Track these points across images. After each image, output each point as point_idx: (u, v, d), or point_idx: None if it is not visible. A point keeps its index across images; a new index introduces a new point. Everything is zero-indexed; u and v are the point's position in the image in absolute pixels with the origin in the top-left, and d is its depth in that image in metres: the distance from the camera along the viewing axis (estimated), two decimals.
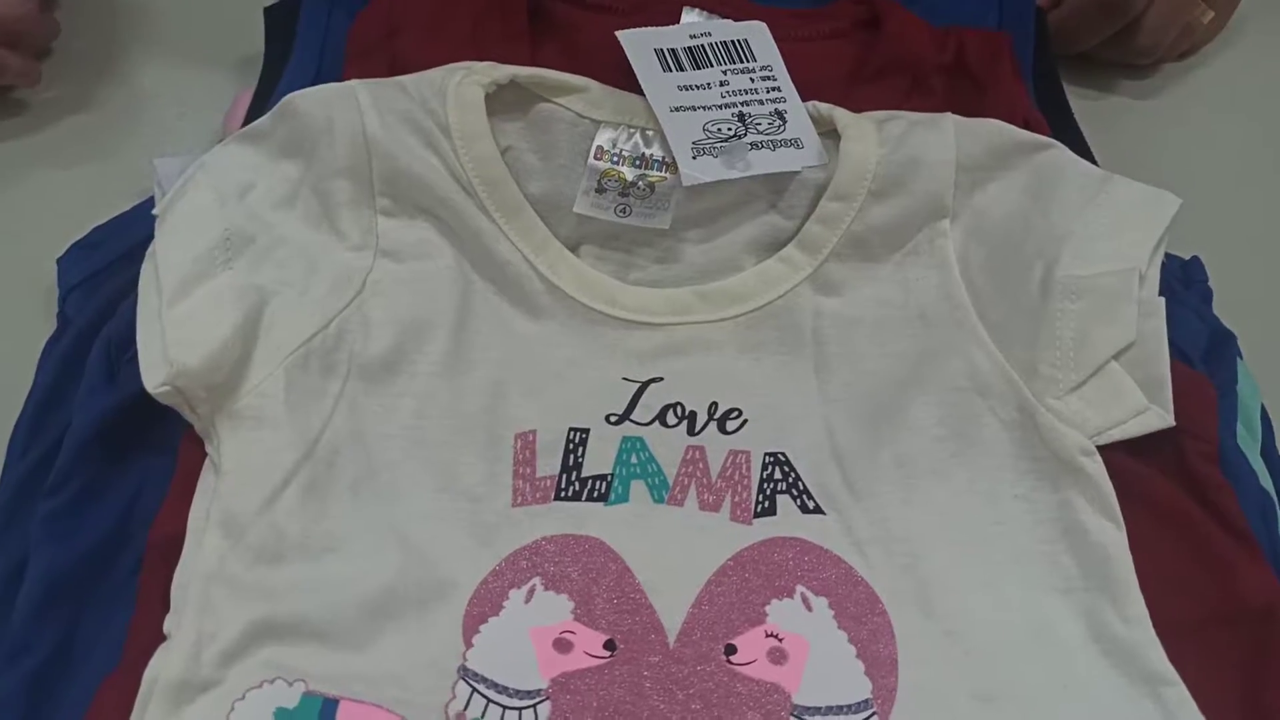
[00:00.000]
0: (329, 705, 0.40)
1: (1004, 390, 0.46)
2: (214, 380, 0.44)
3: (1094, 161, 0.54)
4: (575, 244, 0.49)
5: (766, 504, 0.45)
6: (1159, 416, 0.45)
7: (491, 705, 0.41)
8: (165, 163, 0.50)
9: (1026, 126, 0.52)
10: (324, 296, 0.46)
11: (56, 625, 0.42)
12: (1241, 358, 0.51)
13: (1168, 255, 0.51)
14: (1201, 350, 0.48)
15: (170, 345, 0.43)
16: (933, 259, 0.48)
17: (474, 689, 0.41)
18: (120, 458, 0.45)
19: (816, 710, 0.41)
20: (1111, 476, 0.44)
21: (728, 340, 0.48)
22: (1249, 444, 0.48)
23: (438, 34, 0.53)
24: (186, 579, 0.41)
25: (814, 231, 0.49)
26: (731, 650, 0.42)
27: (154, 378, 0.43)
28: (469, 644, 0.42)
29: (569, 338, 0.47)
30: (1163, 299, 0.46)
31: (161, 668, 0.40)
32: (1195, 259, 0.54)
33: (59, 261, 0.51)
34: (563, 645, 0.42)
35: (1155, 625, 0.42)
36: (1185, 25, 0.62)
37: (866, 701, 0.41)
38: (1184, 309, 0.49)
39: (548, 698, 0.41)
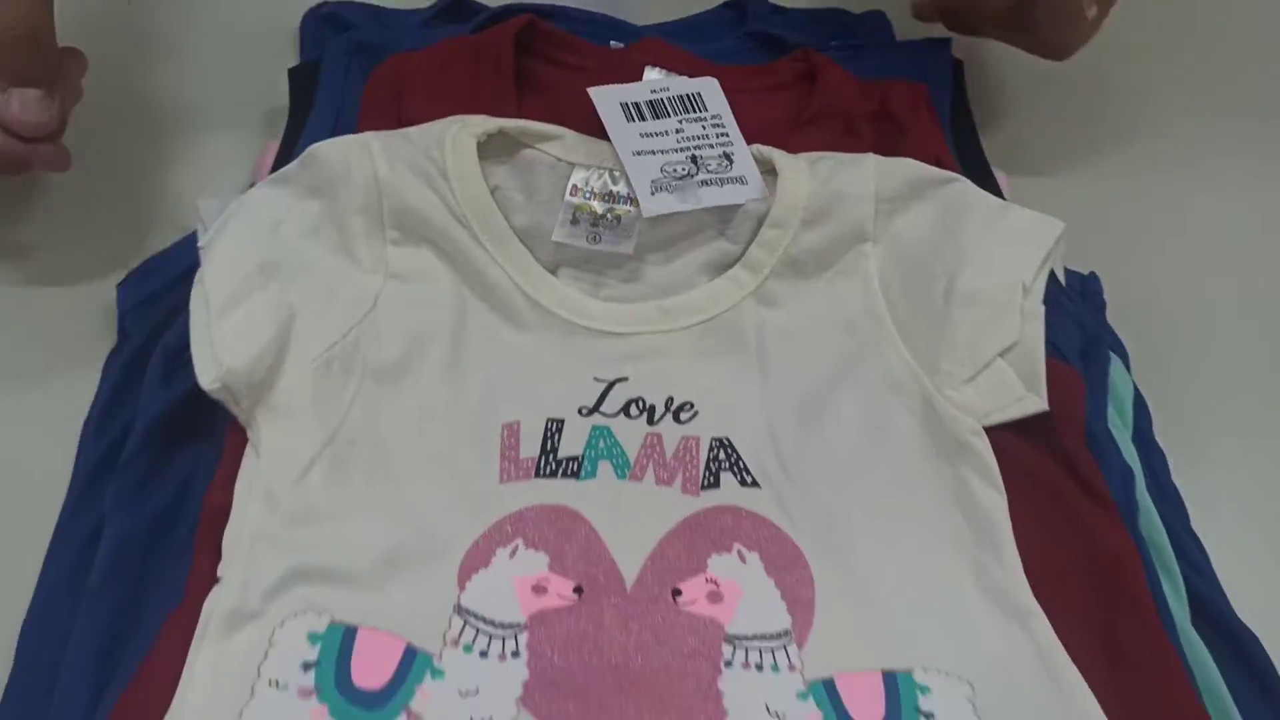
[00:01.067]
0: (350, 631, 0.45)
1: (912, 386, 0.51)
2: (254, 379, 0.48)
3: (1001, 194, 0.60)
4: (554, 267, 0.54)
5: (712, 479, 0.50)
6: (1035, 402, 0.50)
7: (480, 634, 0.45)
8: (207, 204, 0.55)
9: (938, 163, 0.56)
10: (343, 311, 0.51)
11: (127, 578, 0.47)
12: (1128, 358, 0.57)
13: (1073, 272, 0.58)
14: (1077, 350, 0.54)
15: (219, 351, 0.48)
16: (857, 277, 0.53)
17: (466, 621, 0.46)
18: (177, 444, 0.50)
19: (744, 637, 0.46)
20: (996, 453, 0.49)
21: (683, 347, 0.53)
22: (1119, 427, 0.53)
23: (437, 94, 0.58)
24: (235, 537, 0.46)
25: (756, 254, 0.54)
26: (677, 593, 0.47)
27: (207, 377, 0.48)
28: (463, 588, 0.46)
29: (549, 346, 0.52)
30: (1043, 307, 0.51)
31: (217, 602, 0.45)
32: (1093, 274, 0.59)
33: (118, 287, 0.56)
34: (539, 590, 0.46)
35: (1028, 574, 0.47)
36: (1072, 14, 0.58)
37: (786, 631, 0.46)
38: (1065, 317, 0.54)
39: (526, 629, 0.46)
